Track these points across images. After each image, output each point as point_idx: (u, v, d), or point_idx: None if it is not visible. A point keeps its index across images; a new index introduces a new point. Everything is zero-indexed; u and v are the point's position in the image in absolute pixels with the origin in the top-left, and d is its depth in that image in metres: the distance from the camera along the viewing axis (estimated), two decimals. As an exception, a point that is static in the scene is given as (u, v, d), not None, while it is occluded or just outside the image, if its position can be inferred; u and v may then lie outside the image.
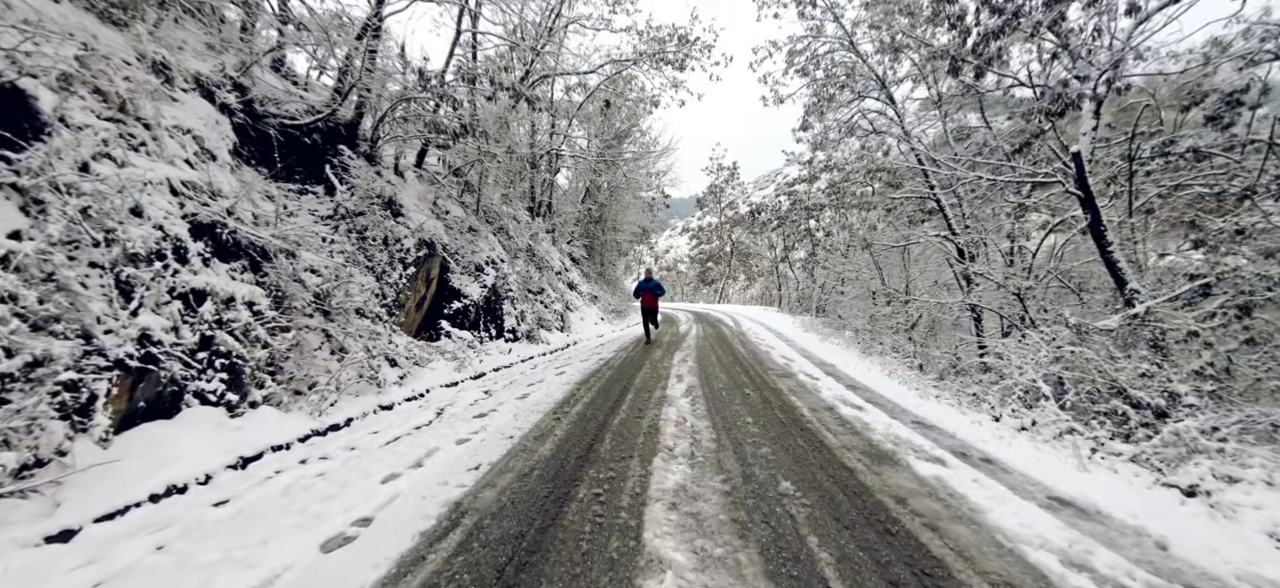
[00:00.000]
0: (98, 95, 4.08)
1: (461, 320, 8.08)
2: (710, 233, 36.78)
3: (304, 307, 5.01)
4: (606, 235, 19.42)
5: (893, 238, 12.35)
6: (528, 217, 13.25)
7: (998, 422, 4.55)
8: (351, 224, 6.75)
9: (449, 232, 8.59)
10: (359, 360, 5.24)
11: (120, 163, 3.90)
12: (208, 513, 2.54)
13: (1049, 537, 2.27)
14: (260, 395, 4.08)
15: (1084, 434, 4.14)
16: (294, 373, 4.52)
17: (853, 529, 2.34)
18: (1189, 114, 7.85)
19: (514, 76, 10.08)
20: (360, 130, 7.84)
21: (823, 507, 2.57)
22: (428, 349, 6.80)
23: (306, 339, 4.90)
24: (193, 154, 4.70)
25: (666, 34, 13.58)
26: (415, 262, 7.36)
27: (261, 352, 4.20)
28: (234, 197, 4.64)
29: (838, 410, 4.57)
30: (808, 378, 6.19)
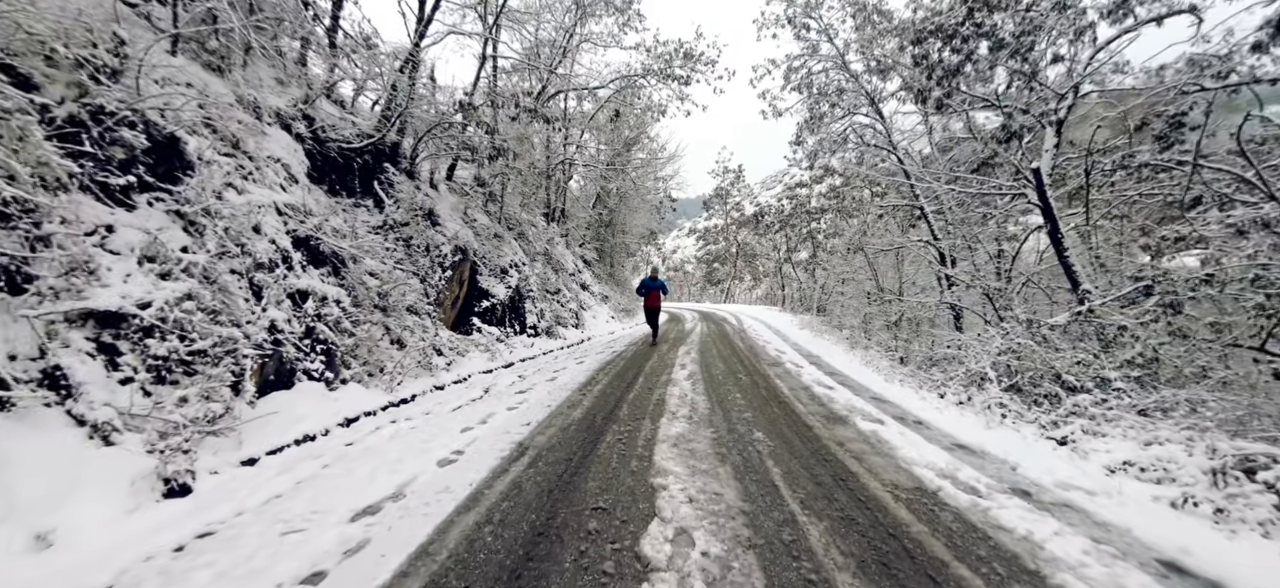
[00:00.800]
0: (218, 136, 5.20)
1: (490, 317, 9.16)
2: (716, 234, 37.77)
3: (370, 304, 6.11)
4: (616, 238, 20.53)
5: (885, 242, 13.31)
6: (544, 223, 14.36)
7: (942, 398, 5.55)
8: (398, 233, 7.85)
9: (478, 238, 9.67)
10: (414, 350, 6.33)
11: (240, 190, 5.00)
12: (345, 449, 3.62)
13: (935, 462, 3.29)
14: (348, 374, 5.17)
15: (1010, 408, 5.12)
16: (368, 358, 5.60)
17: (799, 458, 3.37)
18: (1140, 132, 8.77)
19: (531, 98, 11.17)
20: (401, 150, 8.94)
21: (782, 446, 3.60)
22: (464, 342, 7.88)
23: (373, 332, 5.98)
24: (284, 179, 5.82)
25: (673, 50, 14.61)
26: (451, 265, 8.45)
27: (348, 340, 5.30)
28: (320, 214, 5.74)
29: (812, 389, 5.60)
30: (794, 367, 7.21)
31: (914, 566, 2.08)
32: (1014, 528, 2.41)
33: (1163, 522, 2.59)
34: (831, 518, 2.49)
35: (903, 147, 11.70)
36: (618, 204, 19.76)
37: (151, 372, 3.41)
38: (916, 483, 2.96)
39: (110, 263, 3.52)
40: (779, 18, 12.07)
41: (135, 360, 3.36)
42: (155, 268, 3.75)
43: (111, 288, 3.41)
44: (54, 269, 3.18)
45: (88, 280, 3.34)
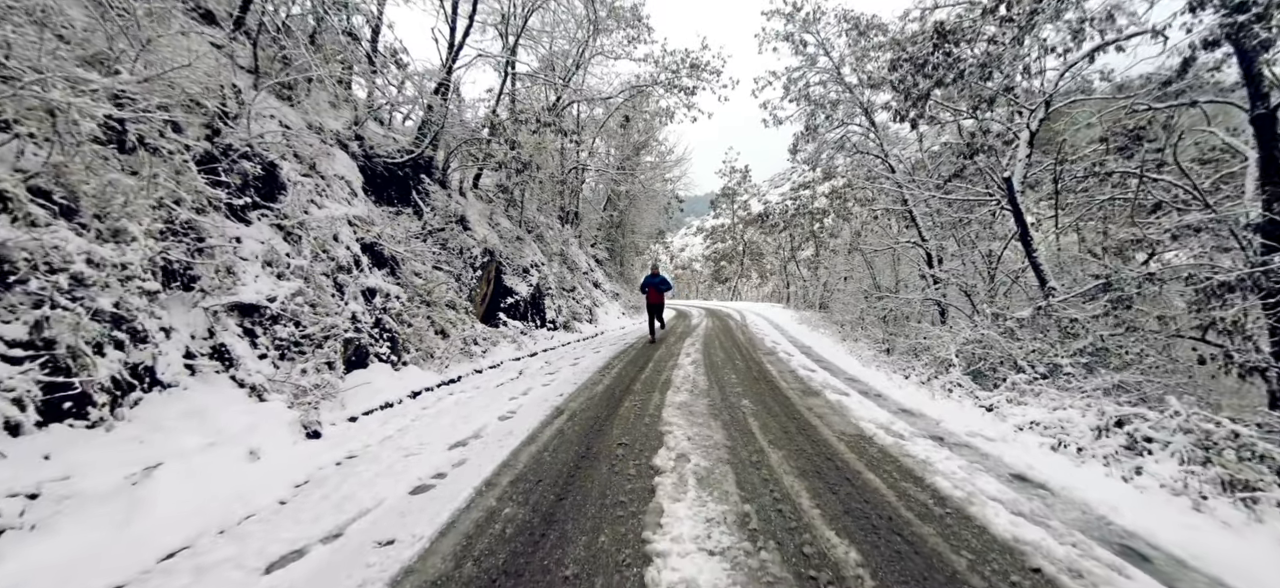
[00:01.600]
0: (299, 159, 6.31)
1: (514, 312, 10.25)
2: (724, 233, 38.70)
3: (418, 300, 7.20)
4: (625, 238, 21.60)
5: (879, 243, 14.25)
6: (559, 225, 15.44)
7: (907, 379, 6.54)
8: (435, 238, 8.96)
9: (502, 241, 10.76)
10: (456, 339, 7.42)
11: (320, 205, 6.11)
12: (422, 411, 4.70)
13: (878, 419, 4.31)
14: (407, 358, 6.26)
15: (961, 386, 6.10)
16: (420, 345, 6.70)
17: (774, 416, 4.40)
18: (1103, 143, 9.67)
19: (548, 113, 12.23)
20: (434, 162, 10.04)
21: (763, 410, 4.63)
22: (494, 333, 8.97)
23: (422, 323, 7.08)
24: (348, 194, 6.93)
25: (680, 60, 15.61)
26: (481, 266, 9.54)
27: (407, 329, 6.39)
28: (379, 224, 6.84)
29: (797, 372, 6.62)
30: (785, 355, 8.23)
31: (839, 474, 3.10)
32: (917, 455, 3.43)
33: (1031, 455, 3.60)
34: (788, 449, 3.52)
35: (894, 153, 12.63)
36: (627, 206, 20.84)
37: (278, 350, 4.51)
38: (858, 431, 3.98)
39: (243, 267, 4.62)
40: (779, 33, 13.04)
41: (267, 342, 4.46)
42: (273, 270, 4.85)
43: (247, 286, 4.51)
44: (210, 272, 4.28)
45: (232, 280, 4.44)
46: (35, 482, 2.45)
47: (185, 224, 4.21)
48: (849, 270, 17.28)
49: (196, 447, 3.16)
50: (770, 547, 2.21)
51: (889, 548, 2.22)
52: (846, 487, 2.89)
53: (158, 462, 2.89)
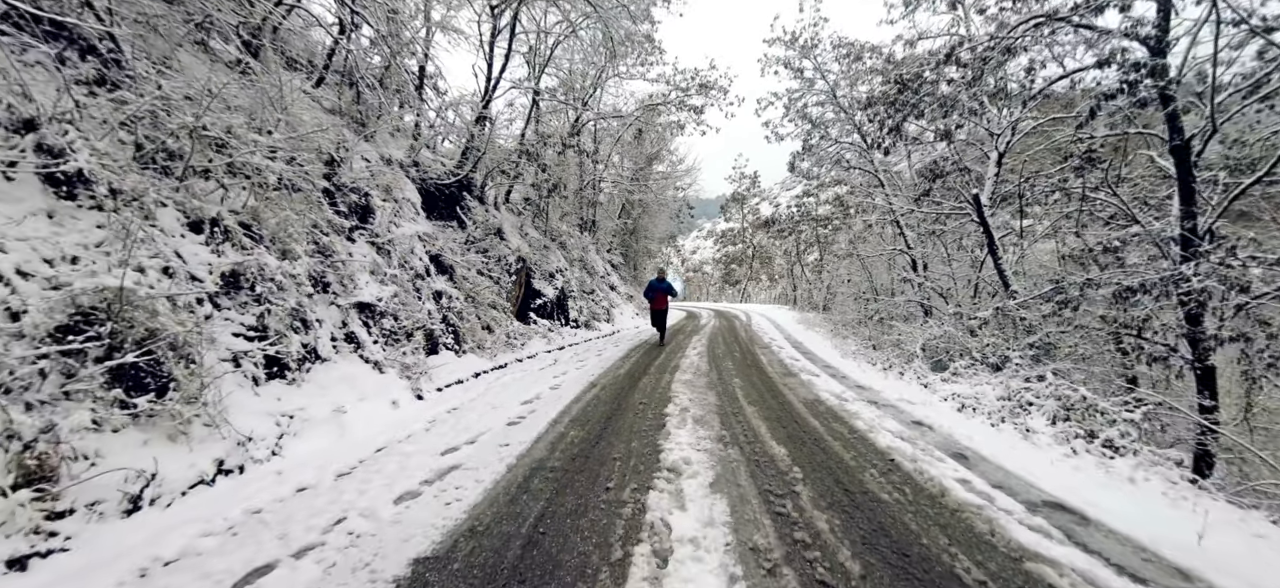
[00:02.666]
0: (378, 185, 7.91)
1: (542, 312, 11.82)
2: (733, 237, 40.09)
3: (470, 300, 8.79)
4: (639, 244, 23.17)
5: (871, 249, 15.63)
6: (578, 233, 17.04)
7: (873, 367, 7.98)
8: (477, 247, 10.55)
9: (531, 249, 12.35)
10: (500, 334, 9.00)
11: (397, 225, 7.72)
12: (488, 386, 6.26)
13: (834, 390, 5.78)
14: (465, 347, 7.84)
15: (914, 372, 7.52)
16: (473, 337, 8.27)
17: (756, 389, 5.89)
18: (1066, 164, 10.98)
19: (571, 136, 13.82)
20: (473, 182, 11.66)
21: (749, 386, 6.12)
22: (527, 330, 10.54)
23: (474, 319, 8.66)
24: (414, 214, 8.55)
25: (689, 79, 17.14)
26: (515, 271, 11.13)
27: (465, 324, 7.98)
28: (441, 238, 8.45)
29: (783, 361, 8.10)
30: (778, 349, 9.70)
31: (791, 418, 4.59)
32: (850, 410, 4.91)
33: (936, 412, 5.06)
34: (760, 406, 5.02)
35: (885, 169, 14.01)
36: (640, 214, 22.42)
37: (385, 337, 6.10)
38: (815, 397, 5.47)
39: (357, 275, 6.23)
40: (779, 58, 14.50)
41: (377, 331, 6.06)
42: (377, 277, 6.46)
43: (362, 289, 6.11)
44: (338, 279, 5.88)
45: (352, 285, 6.04)
46: (284, 412, 4.04)
47: (323, 246, 5.82)
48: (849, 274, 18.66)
49: (355, 399, 4.74)
50: (733, 449, 3.72)
51: (808, 451, 3.72)
52: (793, 424, 4.39)
53: (341, 405, 4.47)
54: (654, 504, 2.73)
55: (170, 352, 3.29)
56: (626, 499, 2.80)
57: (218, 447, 3.25)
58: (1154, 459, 3.89)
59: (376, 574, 2.08)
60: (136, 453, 2.82)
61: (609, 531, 2.45)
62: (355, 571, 2.10)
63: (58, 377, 2.73)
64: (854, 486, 3.08)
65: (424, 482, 3.06)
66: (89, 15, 4.16)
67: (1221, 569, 2.26)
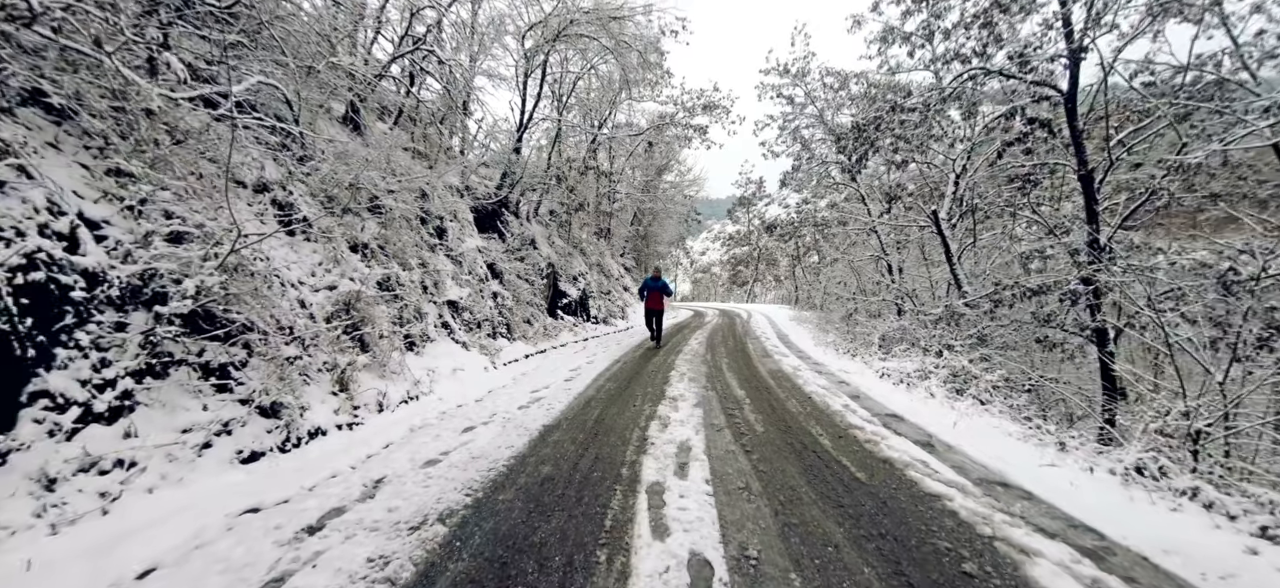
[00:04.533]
0: (447, 208, 10.29)
1: (568, 310, 14.16)
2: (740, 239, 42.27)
3: (514, 299, 11.15)
4: (650, 248, 25.50)
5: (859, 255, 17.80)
6: (596, 241, 19.38)
7: (837, 353, 10.21)
8: (515, 255, 12.91)
9: (558, 255, 14.70)
10: (538, 327, 11.34)
11: (462, 240, 10.10)
12: (540, 362, 8.61)
13: (795, 365, 8.05)
14: (516, 336, 10.19)
15: (865, 354, 9.73)
16: (519, 329, 10.61)
17: (737, 366, 8.16)
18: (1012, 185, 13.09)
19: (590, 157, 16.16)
20: (510, 200, 14.03)
21: (733, 362, 8.40)
22: (557, 324, 12.88)
23: (518, 315, 11.01)
24: (471, 229, 10.93)
25: (695, 99, 19.40)
26: (546, 276, 13.47)
27: (515, 318, 10.34)
28: (491, 250, 10.83)
29: (766, 348, 10.35)
30: (765, 339, 11.96)
31: (756, 378, 6.86)
32: (802, 376, 7.17)
33: (860, 379, 7.30)
34: (738, 374, 7.30)
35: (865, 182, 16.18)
36: (650, 221, 24.75)
37: (464, 326, 8.46)
38: (779, 369, 7.74)
39: (444, 280, 8.59)
40: (773, 86, 16.72)
41: (459, 322, 8.41)
42: (456, 282, 8.82)
43: (449, 291, 8.47)
44: (432, 283, 8.24)
45: (440, 288, 8.40)
46: (426, 368, 6.38)
47: (423, 259, 8.19)
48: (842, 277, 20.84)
49: (458, 365, 7.08)
50: (711, 392, 6.01)
51: (758, 392, 5.99)
52: (756, 381, 6.67)
53: (454, 367, 6.82)
54: (661, 411, 5.02)
55: (370, 328, 5.65)
56: (644, 409, 5.10)
57: (404, 386, 5.59)
58: (983, 400, 6.11)
59: (525, 430, 4.38)
60: (372, 383, 5.17)
61: (636, 419, 4.74)
62: (514, 431, 4.39)
63: (332, 339, 5.08)
64: (778, 405, 5.36)
65: (526, 404, 5.38)
66: (289, 112, 6.55)
67: (984, 452, 4.49)
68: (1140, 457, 4.00)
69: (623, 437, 4.19)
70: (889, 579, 2.23)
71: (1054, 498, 3.17)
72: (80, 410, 2.99)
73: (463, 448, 3.87)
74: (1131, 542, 2.62)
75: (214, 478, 3.21)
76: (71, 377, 3.02)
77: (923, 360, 8.41)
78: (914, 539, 2.60)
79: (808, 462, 3.71)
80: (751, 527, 2.69)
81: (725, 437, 4.26)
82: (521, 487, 3.14)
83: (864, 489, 3.23)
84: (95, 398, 3.07)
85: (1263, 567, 2.45)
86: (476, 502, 2.91)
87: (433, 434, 4.26)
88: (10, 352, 2.78)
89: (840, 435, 4.40)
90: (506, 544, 2.44)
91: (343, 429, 4.35)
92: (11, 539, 2.34)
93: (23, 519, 2.46)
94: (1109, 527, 2.78)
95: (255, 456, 3.58)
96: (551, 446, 3.95)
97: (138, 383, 3.31)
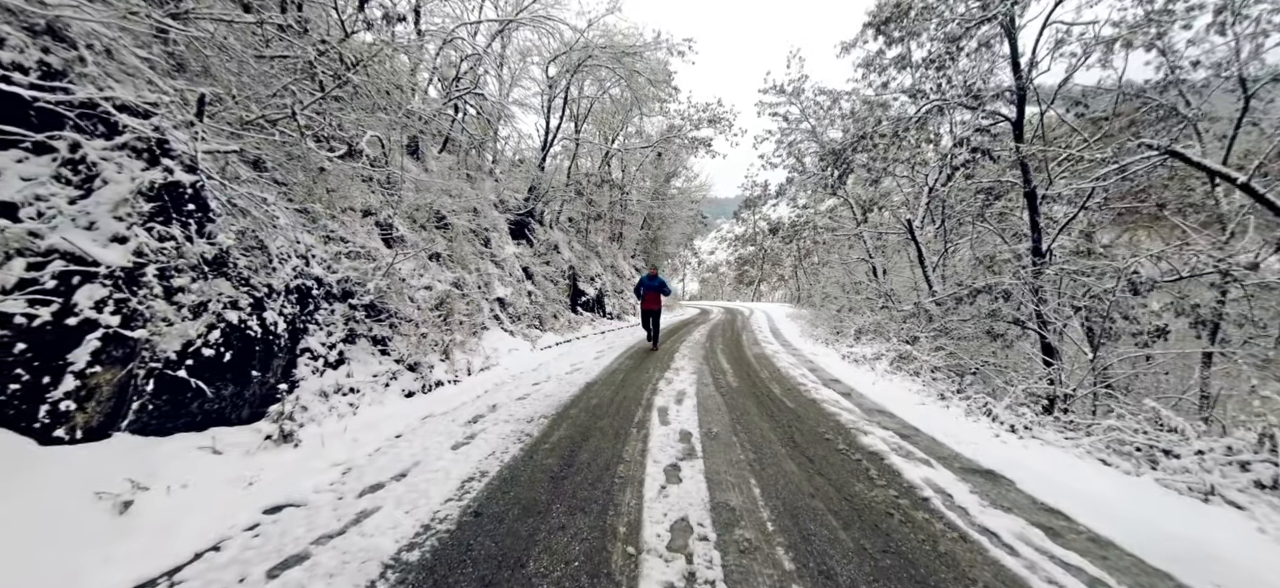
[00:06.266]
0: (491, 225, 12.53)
1: (586, 306, 16.34)
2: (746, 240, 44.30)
3: (543, 297, 13.36)
4: (659, 250, 27.66)
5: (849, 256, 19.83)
6: (609, 244, 21.57)
7: (817, 343, 12.31)
8: (541, 259, 15.13)
9: (577, 258, 16.90)
10: (563, 320, 13.54)
11: (502, 248, 12.33)
12: (570, 348, 10.80)
13: (777, 350, 10.18)
14: (546, 328, 12.38)
15: (838, 347, 11.81)
16: (548, 321, 12.81)
17: (730, 351, 10.30)
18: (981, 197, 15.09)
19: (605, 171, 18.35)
20: (536, 211, 16.24)
21: (727, 349, 10.53)
22: (578, 319, 15.06)
23: (548, 310, 13.21)
24: (508, 237, 13.16)
25: (700, 112, 21.51)
26: (567, 277, 15.67)
27: (545, 312, 12.54)
28: (525, 255, 13.05)
29: (757, 338, 12.48)
30: (759, 332, 14.08)
31: (742, 359, 9.00)
32: (780, 359, 9.29)
33: (826, 360, 9.41)
34: (728, 357, 9.44)
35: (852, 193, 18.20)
36: (659, 225, 26.90)
37: (510, 318, 10.67)
38: (762, 353, 9.88)
39: (492, 282, 10.81)
40: (770, 104, 18.80)
41: (506, 315, 10.62)
42: (501, 282, 11.04)
43: (496, 291, 10.69)
44: (483, 283, 10.47)
45: (491, 288, 10.62)
46: (490, 348, 8.58)
47: (477, 266, 10.41)
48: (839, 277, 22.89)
49: (512, 346, 9.28)
50: (705, 366, 8.15)
51: (741, 367, 8.12)
52: (741, 360, 8.81)
53: (510, 348, 9.02)
54: (667, 375, 7.18)
55: (454, 317, 7.84)
56: (655, 374, 7.27)
57: (480, 359, 7.78)
58: (913, 373, 8.20)
59: (574, 384, 6.54)
60: (461, 356, 7.36)
61: (650, 378, 6.90)
62: (567, 385, 6.54)
63: (436, 323, 7.27)
64: (752, 373, 7.50)
65: (569, 372, 7.54)
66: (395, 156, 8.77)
67: (883, 398, 6.57)
68: (989, 402, 6.11)
69: (641, 388, 6.35)
70: (785, 442, 4.36)
71: (906, 416, 5.29)
72: (321, 361, 5.20)
73: (536, 391, 6.06)
74: (934, 433, 4.73)
75: (396, 403, 5.41)
76: (316, 341, 5.23)
77: (882, 347, 10.49)
78: (807, 429, 4.73)
79: (760, 398, 5.86)
80: (716, 422, 4.84)
81: (709, 387, 6.41)
82: (582, 408, 5.31)
83: (790, 412, 5.37)
84: (328, 353, 5.29)
85: (1009, 448, 4.54)
86: (557, 414, 5.08)
87: (513, 385, 6.46)
88: (292, 326, 4.99)
89: (788, 389, 6.54)
90: (580, 428, 4.60)
91: (452, 384, 6.54)
92: (324, 420, 4.54)
93: (321, 412, 4.66)
94: (926, 427, 4.89)
95: (411, 393, 5.78)
96: (594, 393, 6.12)
97: (346, 344, 5.52)
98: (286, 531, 2.65)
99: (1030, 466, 3.90)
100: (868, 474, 3.64)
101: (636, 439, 4.28)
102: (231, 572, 2.29)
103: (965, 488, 3.44)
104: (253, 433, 3.84)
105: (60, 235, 3.25)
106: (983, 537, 2.78)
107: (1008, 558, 2.58)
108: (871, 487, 3.43)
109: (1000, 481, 3.60)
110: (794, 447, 4.21)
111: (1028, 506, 3.21)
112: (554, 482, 3.33)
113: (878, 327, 12.94)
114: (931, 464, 3.89)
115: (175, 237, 3.72)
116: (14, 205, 3.19)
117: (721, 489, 3.30)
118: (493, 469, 3.54)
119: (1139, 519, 3.03)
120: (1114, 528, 2.90)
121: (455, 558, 2.42)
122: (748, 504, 3.09)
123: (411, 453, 3.87)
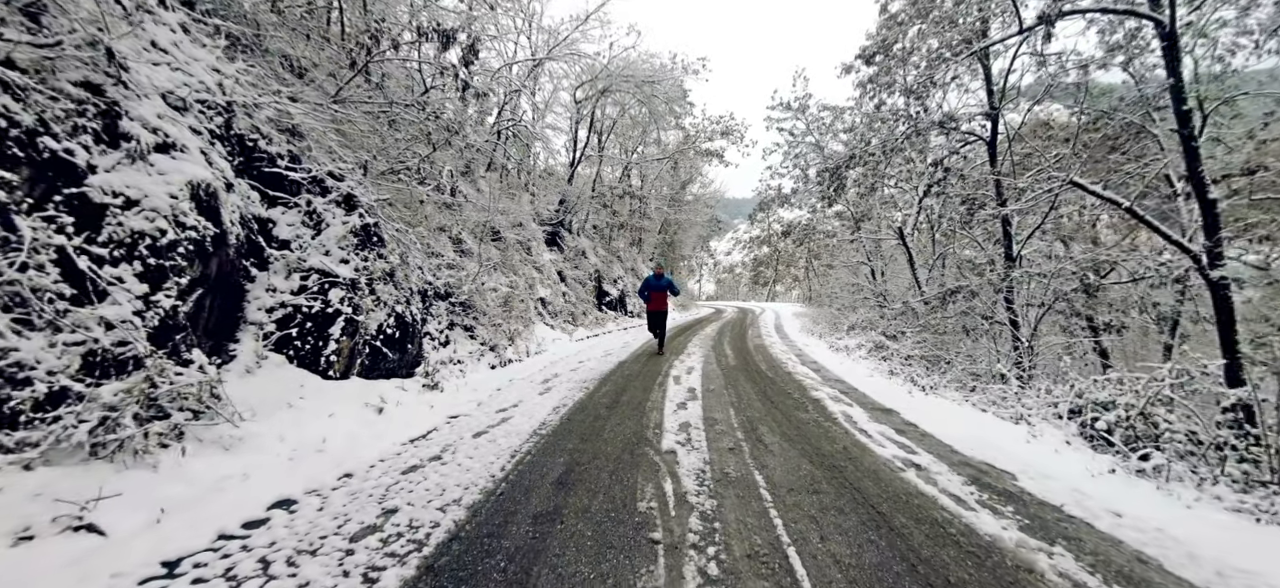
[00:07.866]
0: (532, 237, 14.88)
1: (609, 306, 18.62)
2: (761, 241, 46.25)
3: (576, 297, 15.66)
4: (676, 253, 29.85)
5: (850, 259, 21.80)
6: (629, 249, 23.82)
7: (813, 337, 14.40)
8: (570, 263, 17.44)
9: (601, 262, 19.18)
10: (591, 317, 15.82)
11: (541, 254, 14.66)
12: (600, 340, 13.09)
13: (775, 342, 12.33)
14: (578, 323, 14.66)
15: (829, 338, 13.87)
16: (580, 319, 15.09)
17: (734, 343, 12.48)
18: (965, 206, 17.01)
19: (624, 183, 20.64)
20: (565, 221, 18.57)
21: (732, 343, 12.72)
22: (603, 316, 17.33)
23: (579, 309, 15.50)
24: (545, 246, 15.51)
25: (713, 124, 23.70)
26: (593, 279, 17.96)
27: (577, 310, 14.83)
28: (559, 261, 15.38)
29: (761, 333, 14.63)
30: (764, 328, 16.22)
31: (744, 348, 11.17)
32: (778, 350, 11.44)
33: (816, 351, 11.54)
34: (732, 349, 11.63)
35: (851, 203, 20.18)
36: (676, 230, 29.12)
37: (550, 315, 12.97)
38: (762, 343, 12.04)
39: (535, 284, 13.14)
40: (777, 119, 20.88)
41: (547, 312, 12.93)
42: (542, 284, 13.36)
43: (539, 292, 13.01)
44: (528, 286, 12.80)
45: (534, 288, 12.94)
46: (540, 339, 10.89)
47: (523, 272, 12.75)
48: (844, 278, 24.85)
49: (554, 338, 11.56)
50: (712, 354, 10.35)
51: (741, 354, 10.30)
52: (743, 349, 10.99)
53: (555, 338, 11.31)
54: (680, 359, 9.38)
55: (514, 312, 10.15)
56: (671, 358, 9.51)
57: (533, 345, 10.07)
58: (884, 359, 10.28)
59: (609, 362, 8.78)
60: (521, 343, 9.65)
61: (667, 360, 9.13)
62: (603, 363, 8.79)
63: (506, 314, 9.57)
64: (749, 357, 9.68)
65: (603, 356, 9.77)
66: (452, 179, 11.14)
67: (845, 373, 8.68)
68: (914, 375, 8.22)
69: (660, 366, 8.59)
70: (759, 395, 6.53)
71: (854, 383, 7.43)
72: (437, 342, 7.51)
73: (583, 366, 8.34)
74: (867, 390, 6.85)
75: (485, 373, 7.72)
76: (433, 327, 7.55)
77: (863, 339, 12.56)
78: (777, 388, 6.91)
79: (750, 372, 8.06)
80: (714, 383, 7.05)
81: (713, 366, 8.63)
82: (619, 376, 7.57)
83: (768, 379, 7.56)
84: (440, 336, 7.61)
85: (913, 400, 6.65)
86: (601, 378, 7.33)
87: (563, 363, 8.75)
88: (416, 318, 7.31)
89: (773, 366, 8.73)
90: (619, 386, 6.84)
91: (518, 362, 8.84)
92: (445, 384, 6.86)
93: (444, 375, 6.97)
94: (863, 388, 7.02)
95: (494, 366, 8.09)
96: (625, 368, 8.37)
97: (449, 331, 7.84)
98: (468, 424, 4.93)
99: (917, 407, 6.05)
100: (806, 408, 5.83)
101: (658, 391, 6.51)
102: (456, 431, 4.59)
103: (865, 415, 5.61)
104: (414, 383, 6.15)
105: (315, 259, 5.60)
106: (858, 432, 4.96)
107: (863, 438, 4.76)
108: (806, 413, 5.62)
109: (890, 412, 5.76)
110: (764, 397, 6.41)
111: (898, 422, 5.37)
112: (608, 409, 5.58)
113: (869, 323, 14.96)
114: (851, 405, 6.06)
115: (369, 258, 6.05)
116: (287, 241, 5.55)
117: (711, 412, 5.52)
118: (569, 402, 5.81)
119: (963, 433, 5.16)
120: (943, 429, 5.05)
121: (563, 433, 4.67)
122: (726, 419, 5.30)
123: (514, 396, 6.16)
